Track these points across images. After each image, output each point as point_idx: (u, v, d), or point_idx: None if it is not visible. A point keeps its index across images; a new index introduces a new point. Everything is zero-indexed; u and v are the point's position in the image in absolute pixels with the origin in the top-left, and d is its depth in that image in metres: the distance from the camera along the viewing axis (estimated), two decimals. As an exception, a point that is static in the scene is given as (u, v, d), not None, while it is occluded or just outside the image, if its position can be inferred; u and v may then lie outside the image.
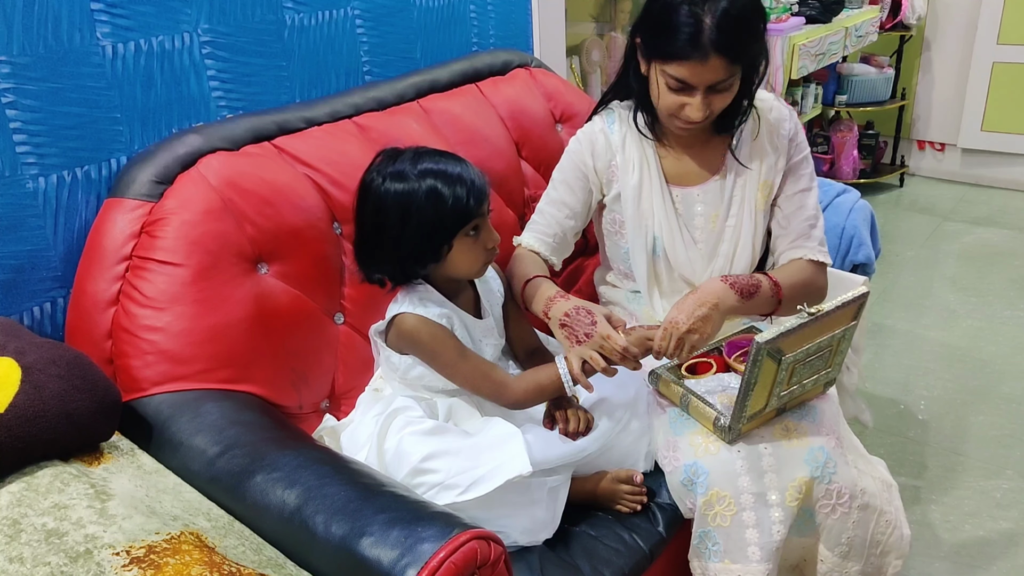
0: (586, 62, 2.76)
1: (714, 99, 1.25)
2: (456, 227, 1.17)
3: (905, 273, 3.00)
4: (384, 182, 1.17)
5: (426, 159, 1.18)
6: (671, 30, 1.20)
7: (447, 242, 1.18)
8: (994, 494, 1.90)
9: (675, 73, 1.23)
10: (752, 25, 1.22)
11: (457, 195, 1.15)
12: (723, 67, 1.21)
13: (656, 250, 1.41)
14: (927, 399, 2.26)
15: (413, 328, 1.20)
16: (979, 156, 3.74)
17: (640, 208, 1.40)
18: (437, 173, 1.16)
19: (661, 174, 1.40)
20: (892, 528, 1.26)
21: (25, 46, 1.18)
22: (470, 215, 1.17)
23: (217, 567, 0.84)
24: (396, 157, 1.19)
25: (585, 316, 1.22)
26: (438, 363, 1.22)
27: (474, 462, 1.12)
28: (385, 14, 1.69)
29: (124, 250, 1.21)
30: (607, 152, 1.41)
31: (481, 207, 1.18)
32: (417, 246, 1.18)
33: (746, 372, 1.12)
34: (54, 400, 0.96)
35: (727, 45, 1.18)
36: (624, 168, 1.40)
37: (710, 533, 1.19)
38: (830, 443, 1.22)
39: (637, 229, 1.40)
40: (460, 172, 1.17)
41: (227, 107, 1.45)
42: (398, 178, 1.16)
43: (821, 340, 1.18)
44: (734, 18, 1.18)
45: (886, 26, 3.55)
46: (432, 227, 1.16)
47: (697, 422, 1.25)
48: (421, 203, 1.15)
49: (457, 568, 0.87)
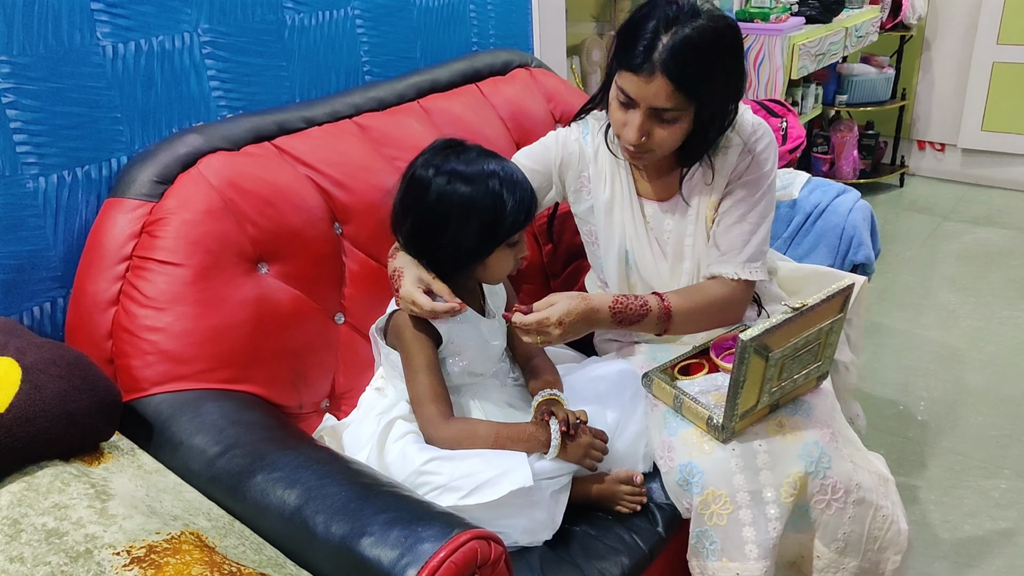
0: (586, 62, 2.76)
1: (656, 128, 1.23)
2: (506, 235, 1.18)
3: (905, 273, 3.01)
4: (428, 177, 1.17)
5: (480, 161, 1.18)
6: (632, 39, 1.20)
7: (492, 249, 1.19)
8: (993, 494, 1.90)
9: (622, 84, 1.22)
10: (710, 61, 1.19)
11: (517, 202, 1.17)
12: (667, 92, 1.18)
13: (628, 261, 1.42)
14: (926, 399, 2.26)
15: (402, 324, 1.22)
16: (979, 156, 3.74)
17: (612, 221, 1.41)
18: (499, 177, 1.17)
19: (632, 187, 1.40)
20: (889, 523, 1.26)
21: (25, 46, 1.18)
22: (517, 226, 1.19)
23: (217, 567, 0.84)
24: (460, 153, 1.19)
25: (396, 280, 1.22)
26: (405, 365, 1.23)
27: (477, 467, 1.12)
28: (385, 14, 1.69)
29: (124, 250, 1.21)
30: (580, 163, 1.41)
31: (530, 220, 1.20)
32: (465, 247, 1.18)
33: (734, 371, 1.12)
34: (54, 400, 0.96)
35: (675, 70, 1.17)
36: (596, 181, 1.40)
37: (707, 532, 1.20)
38: (824, 437, 1.22)
39: (609, 241, 1.42)
40: (520, 179, 1.19)
41: (227, 107, 1.45)
42: (450, 176, 1.16)
43: (808, 334, 1.18)
44: (692, 46, 1.16)
45: (886, 26, 3.55)
46: (482, 233, 1.17)
47: (691, 422, 1.25)
48: (479, 205, 1.15)
49: (457, 568, 0.87)
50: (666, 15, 1.19)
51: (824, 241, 1.73)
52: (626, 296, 1.29)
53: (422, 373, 1.21)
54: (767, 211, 1.36)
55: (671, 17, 1.18)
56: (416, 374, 1.21)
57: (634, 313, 1.28)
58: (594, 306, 1.25)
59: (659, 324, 1.31)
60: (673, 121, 1.23)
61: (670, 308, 1.30)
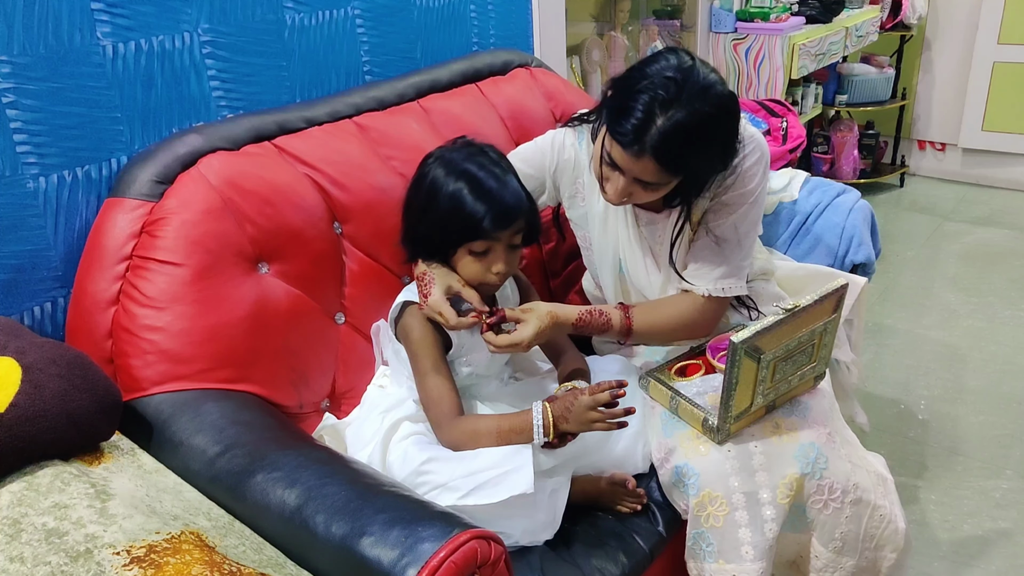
0: (586, 62, 2.76)
1: (638, 191, 1.22)
2: (461, 238, 1.17)
3: (905, 273, 3.00)
4: (430, 162, 1.19)
5: (475, 162, 1.17)
6: (625, 111, 1.14)
7: (451, 248, 1.19)
8: (993, 494, 1.90)
9: (609, 148, 1.20)
10: (702, 146, 1.16)
11: (475, 209, 1.14)
12: (654, 171, 1.16)
13: (621, 269, 1.43)
14: (927, 399, 2.26)
15: (412, 324, 1.22)
16: (980, 156, 3.74)
17: (606, 230, 1.41)
18: (472, 179, 1.15)
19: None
20: (886, 522, 1.26)
21: (25, 46, 1.18)
22: (478, 234, 1.15)
23: (217, 567, 0.84)
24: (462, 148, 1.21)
25: (427, 286, 1.21)
26: (413, 365, 1.23)
27: (478, 467, 1.11)
28: (385, 14, 1.69)
29: (124, 250, 1.21)
30: (575, 169, 1.41)
31: (496, 232, 1.15)
32: (426, 236, 1.20)
33: (726, 373, 1.12)
34: (55, 400, 0.96)
35: (665, 154, 1.14)
36: (591, 190, 1.40)
37: (704, 534, 1.20)
38: (821, 438, 1.22)
39: (603, 250, 1.42)
40: (495, 189, 1.14)
41: (227, 107, 1.45)
42: (443, 165, 1.18)
43: (801, 335, 1.17)
44: (685, 133, 1.12)
45: (886, 26, 3.55)
46: (441, 227, 1.17)
47: (688, 424, 1.25)
48: (443, 198, 1.16)
49: (457, 568, 0.87)
50: (664, 96, 1.12)
51: (824, 241, 1.73)
52: (590, 312, 1.28)
53: (430, 375, 1.20)
54: (750, 227, 1.33)
55: (668, 99, 1.12)
56: (424, 376, 1.20)
57: (596, 328, 1.29)
58: (560, 322, 1.25)
59: (620, 336, 1.32)
60: (656, 190, 1.22)
61: (631, 325, 1.31)
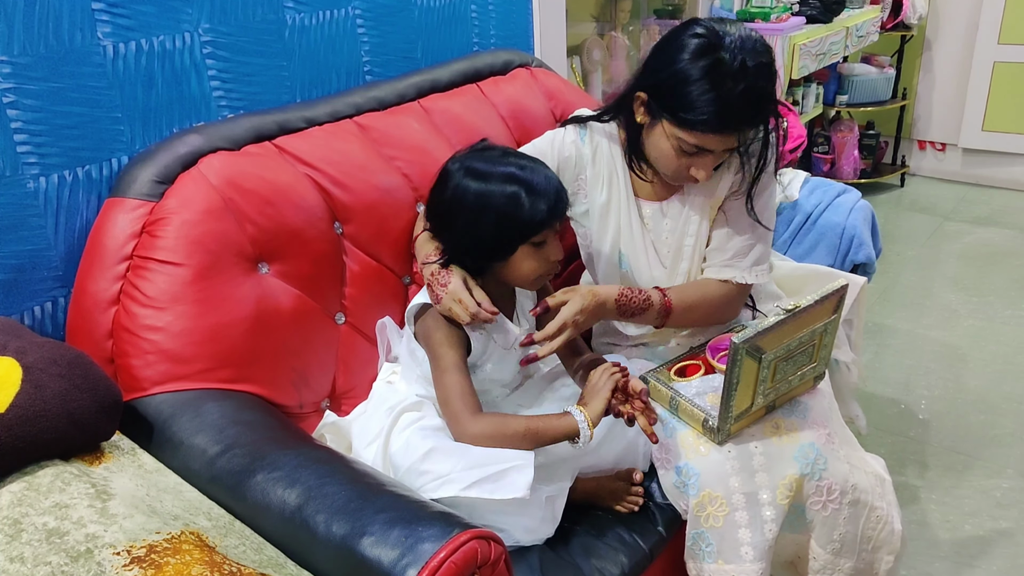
0: (587, 62, 2.76)
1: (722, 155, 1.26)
2: (526, 235, 1.17)
3: (906, 273, 3.00)
4: (465, 176, 1.17)
5: (507, 162, 1.17)
6: (693, 103, 1.17)
7: (513, 247, 1.18)
8: (994, 494, 1.90)
9: (694, 141, 1.21)
10: (771, 92, 1.21)
11: (535, 205, 1.15)
12: (747, 133, 1.22)
13: (622, 265, 1.42)
14: (928, 399, 2.26)
15: (433, 324, 1.21)
16: (980, 156, 3.74)
17: (607, 225, 1.41)
18: (522, 180, 1.15)
19: (630, 188, 1.40)
20: (883, 524, 1.26)
21: (26, 46, 1.18)
22: (542, 226, 1.17)
23: (218, 567, 0.84)
24: (483, 152, 1.20)
25: (443, 277, 1.20)
26: (433, 362, 1.21)
27: (480, 462, 1.10)
28: (386, 14, 1.69)
29: (125, 250, 1.21)
30: (577, 165, 1.41)
31: (554, 221, 1.18)
32: (484, 243, 1.18)
33: (727, 373, 1.12)
34: (55, 400, 0.96)
35: (751, 118, 1.20)
36: (593, 183, 1.40)
37: (703, 534, 1.20)
38: (820, 439, 1.22)
39: (604, 245, 1.42)
40: (544, 182, 1.17)
41: (228, 107, 1.45)
42: (480, 176, 1.16)
43: (802, 336, 1.17)
44: (757, 91, 1.17)
45: (887, 26, 3.54)
46: (504, 229, 1.16)
47: (688, 424, 1.25)
48: (496, 204, 1.15)
49: (457, 568, 0.87)
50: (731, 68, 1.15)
51: (824, 241, 1.73)
52: (630, 289, 1.31)
53: (450, 372, 1.19)
54: (773, 214, 1.38)
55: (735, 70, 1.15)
56: (444, 373, 1.19)
57: (637, 306, 1.31)
58: (601, 300, 1.27)
59: (659, 318, 1.34)
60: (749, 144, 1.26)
61: (671, 304, 1.33)
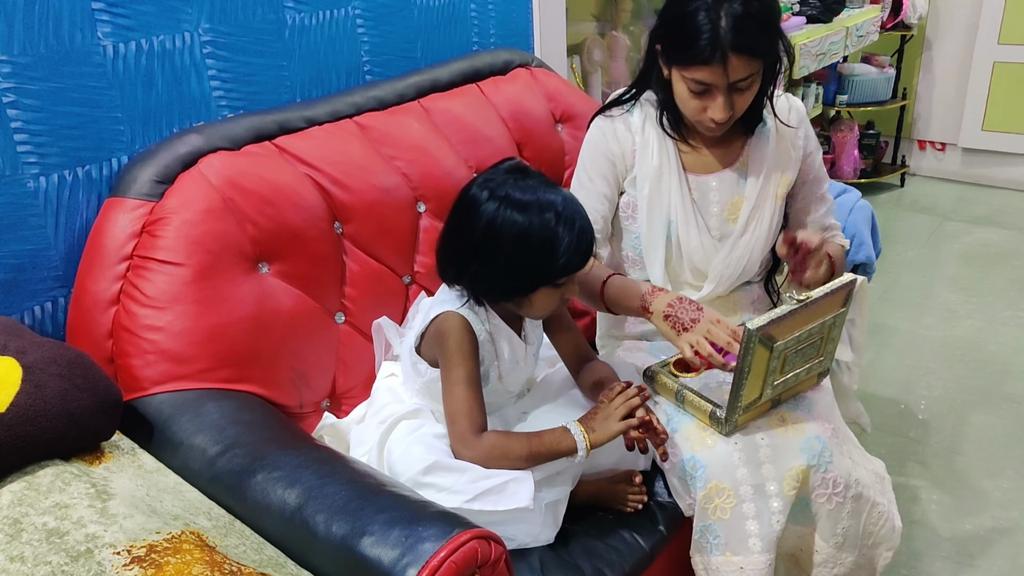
0: (587, 61, 2.75)
1: (736, 98, 1.27)
2: (556, 276, 1.12)
3: (906, 273, 3.00)
4: (500, 207, 1.09)
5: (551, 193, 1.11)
6: (689, 37, 1.21)
7: (536, 287, 1.12)
8: (995, 494, 1.90)
9: (696, 77, 1.24)
10: (769, 21, 1.23)
11: (571, 252, 1.10)
12: (743, 65, 1.22)
13: (670, 235, 1.39)
14: (928, 399, 2.26)
15: (452, 328, 1.15)
16: (980, 156, 3.74)
17: (659, 190, 1.38)
18: (562, 216, 1.09)
19: (679, 161, 1.39)
20: (884, 520, 1.27)
21: (26, 46, 1.18)
22: (575, 268, 1.12)
23: (218, 566, 0.84)
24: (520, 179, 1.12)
25: (689, 304, 1.25)
26: (445, 372, 1.17)
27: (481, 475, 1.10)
28: (386, 13, 1.69)
29: (125, 249, 1.21)
30: (627, 137, 1.40)
31: (585, 262, 1.13)
32: (507, 281, 1.12)
33: (739, 360, 1.12)
34: (55, 399, 0.96)
35: (745, 45, 1.20)
36: (643, 151, 1.39)
37: (711, 527, 1.20)
38: (826, 432, 1.22)
39: (654, 211, 1.39)
40: (580, 231, 1.10)
41: (228, 107, 1.45)
42: (517, 207, 1.08)
43: (812, 327, 1.18)
44: (750, 18, 1.20)
45: (887, 26, 3.54)
46: (535, 272, 1.11)
47: (693, 417, 1.26)
48: (537, 246, 1.08)
49: (458, 567, 0.87)
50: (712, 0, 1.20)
51: (825, 241, 1.72)
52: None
53: (461, 385, 1.14)
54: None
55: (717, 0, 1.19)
56: (454, 386, 1.15)
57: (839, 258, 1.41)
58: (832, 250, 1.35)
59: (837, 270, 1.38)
60: (750, 86, 1.27)
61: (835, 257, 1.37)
